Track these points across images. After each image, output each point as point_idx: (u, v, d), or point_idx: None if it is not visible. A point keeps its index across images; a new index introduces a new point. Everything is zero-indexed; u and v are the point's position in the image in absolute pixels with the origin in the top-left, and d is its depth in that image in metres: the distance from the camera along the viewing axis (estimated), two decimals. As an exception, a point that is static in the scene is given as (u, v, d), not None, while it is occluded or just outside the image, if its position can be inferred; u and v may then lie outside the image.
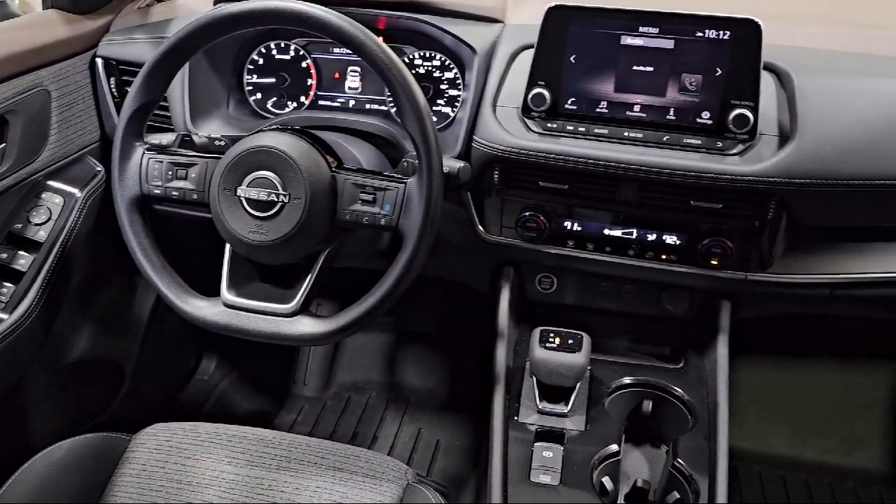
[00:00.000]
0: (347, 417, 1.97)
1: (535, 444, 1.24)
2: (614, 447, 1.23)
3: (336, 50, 1.41)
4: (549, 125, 1.20)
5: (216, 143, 1.18)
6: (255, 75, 1.44)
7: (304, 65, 1.42)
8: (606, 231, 1.25)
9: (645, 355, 1.40)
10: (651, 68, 1.15)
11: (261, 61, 1.43)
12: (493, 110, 1.22)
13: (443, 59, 1.36)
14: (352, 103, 1.42)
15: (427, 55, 1.36)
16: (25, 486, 1.07)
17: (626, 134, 1.17)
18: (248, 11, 1.00)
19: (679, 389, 1.30)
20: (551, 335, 1.26)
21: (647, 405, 1.27)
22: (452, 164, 1.16)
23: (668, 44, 1.14)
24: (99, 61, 1.43)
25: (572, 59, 1.17)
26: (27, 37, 1.31)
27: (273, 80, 1.44)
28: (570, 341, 1.25)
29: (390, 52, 0.98)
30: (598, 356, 1.36)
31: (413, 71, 1.36)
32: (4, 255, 1.30)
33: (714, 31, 1.11)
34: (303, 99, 1.43)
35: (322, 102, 1.43)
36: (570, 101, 1.19)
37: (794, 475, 1.79)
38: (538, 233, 1.26)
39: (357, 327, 1.04)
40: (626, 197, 1.21)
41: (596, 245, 1.27)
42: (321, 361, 2.09)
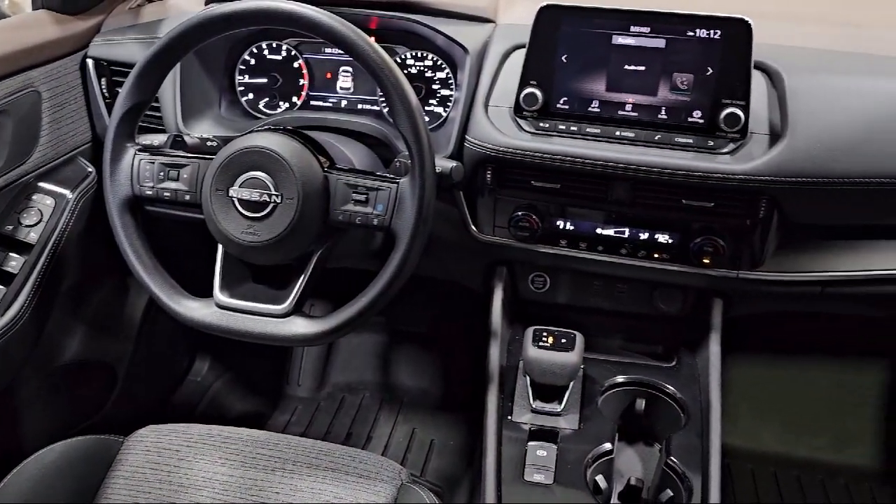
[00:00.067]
0: (341, 418, 1.97)
1: (529, 444, 1.24)
2: (608, 446, 1.23)
3: (328, 50, 1.41)
4: (541, 125, 1.20)
5: (208, 143, 1.18)
6: (246, 76, 1.44)
7: (295, 65, 1.42)
8: (599, 230, 1.26)
9: (638, 354, 1.40)
10: (643, 68, 1.15)
11: (252, 62, 1.43)
12: (485, 110, 1.22)
13: (435, 58, 1.36)
14: (344, 103, 1.42)
15: (419, 55, 1.36)
16: (17, 488, 1.06)
17: (617, 133, 1.18)
18: (239, 12, 1.00)
19: (672, 387, 1.30)
20: (544, 334, 1.26)
21: (640, 403, 1.28)
22: (445, 163, 1.16)
23: (659, 43, 1.14)
24: (90, 62, 1.43)
25: (564, 58, 1.17)
26: (17, 37, 1.30)
27: (265, 80, 1.43)
28: (563, 340, 1.25)
29: (382, 52, 0.98)
30: (591, 355, 1.36)
31: (405, 71, 1.36)
32: (-5, 257, 1.29)
33: (705, 30, 1.12)
34: (295, 99, 1.43)
35: (314, 103, 1.43)
36: (562, 101, 1.19)
37: (787, 472, 1.80)
38: (531, 232, 1.26)
39: (350, 328, 1.03)
40: (619, 196, 1.21)
41: (588, 244, 1.27)
42: (315, 362, 2.08)
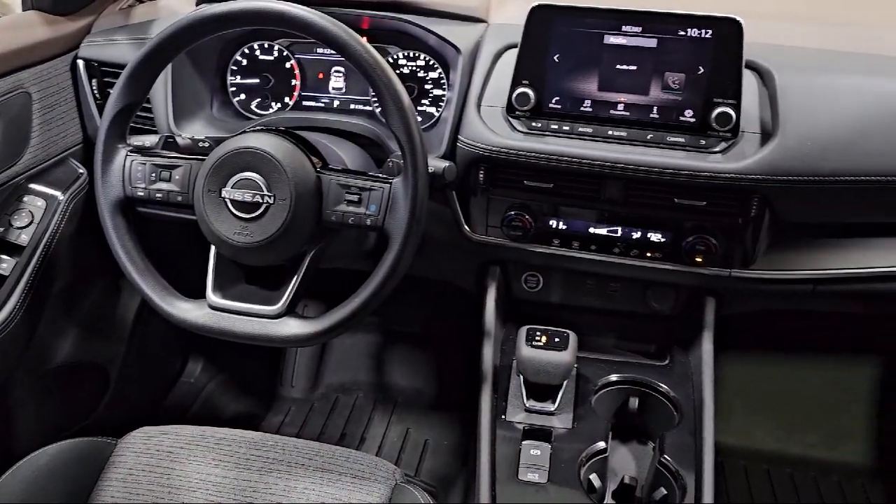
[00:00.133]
0: (335, 418, 1.97)
1: (523, 443, 1.24)
2: (601, 444, 1.23)
3: (320, 50, 1.40)
4: (533, 124, 1.20)
5: (200, 144, 1.18)
6: (238, 76, 1.44)
7: (287, 65, 1.42)
8: (592, 229, 1.26)
9: (631, 353, 1.40)
10: (634, 67, 1.16)
11: (244, 62, 1.43)
12: (477, 110, 1.22)
13: (427, 58, 1.36)
14: (336, 103, 1.42)
15: (411, 55, 1.36)
16: (10, 491, 1.06)
17: (610, 132, 1.18)
18: (231, 12, 0.99)
19: (665, 386, 1.31)
20: (538, 334, 1.26)
21: (634, 402, 1.28)
22: (437, 163, 1.16)
23: (650, 43, 1.14)
24: (80, 63, 1.42)
25: (556, 58, 1.17)
26: (7, 38, 1.30)
27: (257, 80, 1.43)
28: (556, 340, 1.25)
29: (374, 52, 0.98)
30: (585, 354, 1.36)
31: (397, 71, 1.36)
32: (-14, 259, 1.29)
33: (696, 29, 1.12)
34: (287, 99, 1.43)
35: (306, 103, 1.43)
36: (554, 101, 1.19)
37: (780, 470, 1.81)
38: (524, 232, 1.26)
39: (344, 328, 1.03)
40: (611, 195, 1.22)
41: (581, 243, 1.27)
42: (308, 363, 2.08)
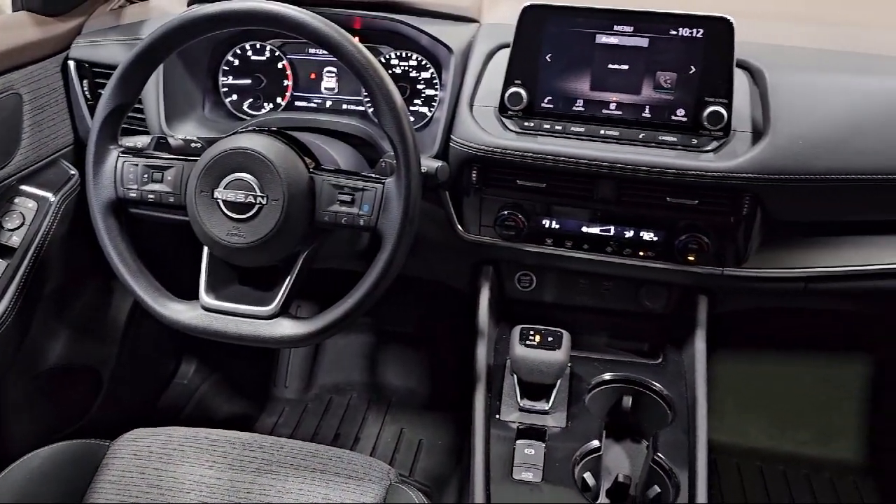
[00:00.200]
0: (329, 419, 1.96)
1: (517, 442, 1.24)
2: (595, 443, 1.23)
3: (312, 50, 1.40)
4: (526, 124, 1.20)
5: (192, 145, 1.17)
6: (230, 77, 1.43)
7: (279, 66, 1.41)
8: (584, 228, 1.26)
9: (624, 351, 1.41)
10: (626, 66, 1.16)
11: (236, 63, 1.43)
12: (470, 110, 1.22)
13: (419, 58, 1.36)
14: (328, 104, 1.42)
15: (403, 55, 1.36)
16: (3, 494, 1.05)
17: (602, 132, 1.18)
18: (222, 13, 0.99)
19: (658, 384, 1.31)
20: (531, 333, 1.26)
21: (627, 401, 1.28)
22: (430, 163, 1.16)
23: (642, 42, 1.15)
24: (71, 63, 1.42)
25: (548, 58, 1.18)
26: (-3, 39, 1.30)
27: (249, 81, 1.43)
28: (549, 339, 1.25)
29: (367, 52, 0.98)
30: (578, 353, 1.36)
31: (389, 71, 1.36)
32: (-23, 262, 1.28)
33: (687, 29, 1.13)
34: (279, 100, 1.43)
35: (298, 103, 1.42)
36: (546, 100, 1.19)
37: (772, 467, 1.82)
38: (517, 231, 1.26)
39: (337, 328, 1.03)
40: (604, 194, 1.22)
41: (574, 242, 1.27)
42: (302, 363, 2.08)
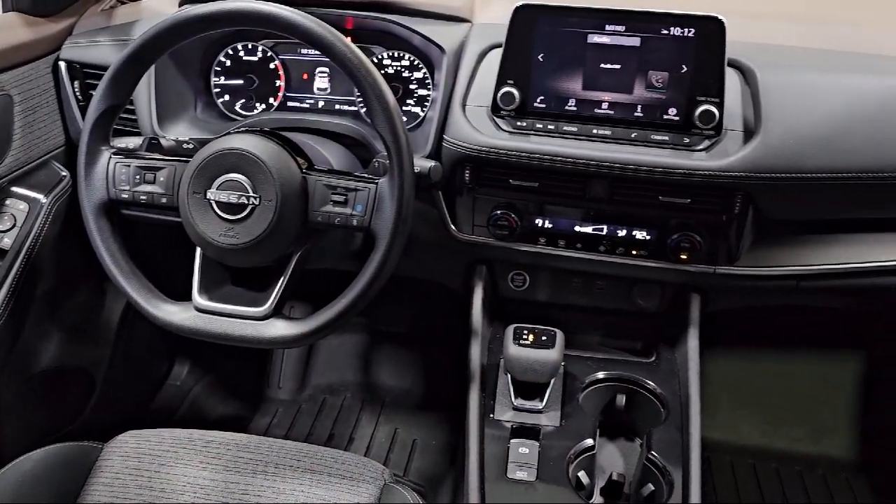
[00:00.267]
0: (323, 419, 1.96)
1: (511, 441, 1.24)
2: (589, 441, 1.24)
3: (304, 51, 1.40)
4: (518, 124, 1.21)
5: (184, 146, 1.17)
6: (222, 77, 1.43)
7: (272, 66, 1.41)
8: (577, 228, 1.26)
9: (617, 350, 1.41)
10: (618, 66, 1.16)
11: (228, 63, 1.42)
12: (462, 109, 1.22)
13: (412, 58, 1.36)
14: (321, 104, 1.41)
15: (396, 55, 1.36)
16: (-5, 497, 1.05)
17: (594, 131, 1.18)
18: (214, 13, 0.99)
19: (651, 383, 1.31)
20: (525, 332, 1.26)
21: (621, 399, 1.29)
22: (423, 163, 1.16)
23: (634, 41, 1.15)
24: (62, 64, 1.41)
25: (540, 57, 1.18)
26: (-13, 40, 1.29)
27: (241, 81, 1.42)
28: (543, 338, 1.25)
29: (359, 52, 0.98)
30: (572, 352, 1.36)
31: (382, 71, 1.36)
32: (-32, 264, 1.27)
33: (679, 28, 1.13)
34: (271, 100, 1.42)
35: (291, 104, 1.42)
36: (538, 100, 1.19)
37: (765, 464, 1.82)
38: (510, 231, 1.26)
39: (331, 329, 1.03)
40: (596, 193, 1.22)
41: (567, 242, 1.28)
42: (295, 364, 2.08)
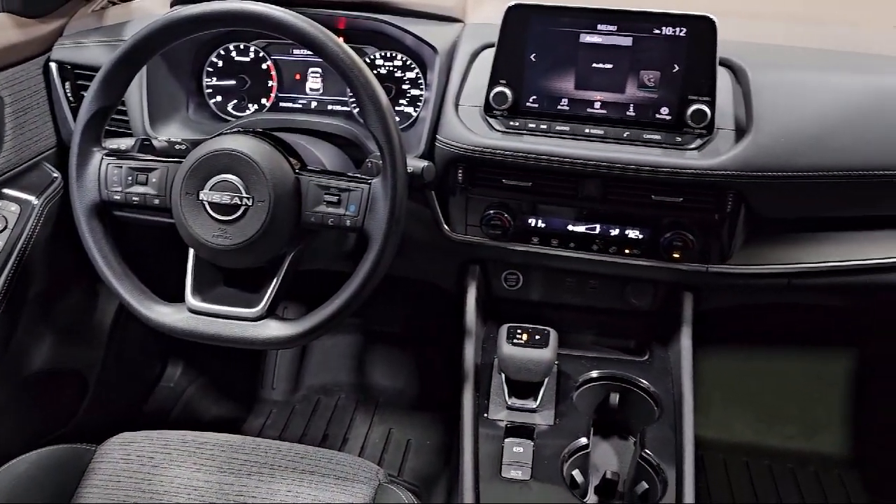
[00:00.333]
0: (317, 420, 1.96)
1: (506, 440, 1.24)
2: (583, 440, 1.24)
3: (296, 51, 1.40)
4: (511, 123, 1.21)
5: (176, 146, 1.17)
6: (214, 78, 1.43)
7: (264, 66, 1.41)
8: (570, 227, 1.27)
9: (611, 349, 1.41)
10: (610, 65, 1.16)
11: (220, 63, 1.42)
12: (455, 109, 1.23)
13: (404, 58, 1.36)
14: (314, 104, 1.41)
15: (388, 55, 1.36)
16: (-12, 500, 1.05)
17: (587, 131, 1.19)
18: (206, 13, 0.99)
19: (645, 381, 1.32)
20: (518, 331, 1.27)
21: (614, 398, 1.29)
22: (416, 163, 1.16)
23: (626, 41, 1.15)
24: (53, 65, 1.41)
25: (533, 57, 1.18)
26: (-23, 42, 1.28)
27: (233, 82, 1.42)
28: (537, 337, 1.26)
29: (352, 52, 0.98)
30: (565, 351, 1.37)
31: (374, 71, 1.36)
32: (-41, 266, 1.27)
33: (671, 28, 1.13)
34: (264, 101, 1.42)
35: (283, 104, 1.42)
36: (531, 99, 1.20)
37: (758, 461, 1.83)
38: (503, 230, 1.27)
39: (325, 330, 1.03)
40: (589, 193, 1.22)
41: (560, 241, 1.28)
42: (289, 365, 2.07)
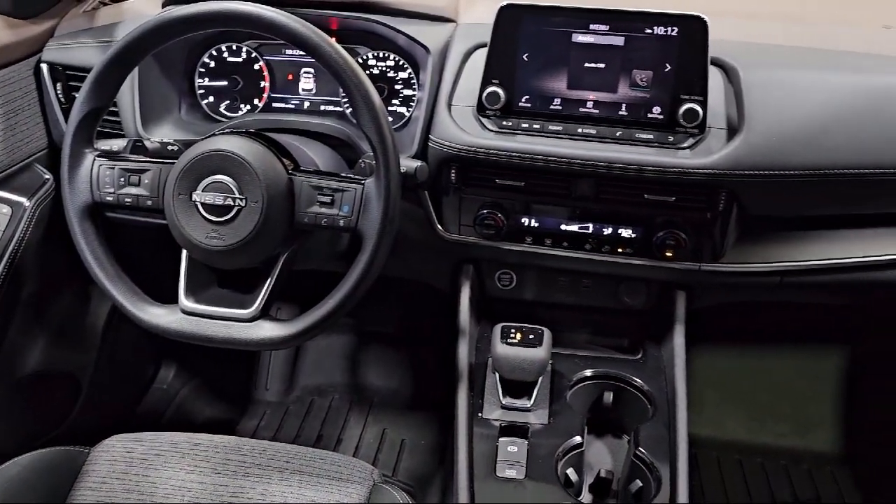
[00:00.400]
0: (311, 421, 1.96)
1: (500, 440, 1.25)
2: (577, 439, 1.24)
3: (289, 51, 1.40)
4: (504, 123, 1.21)
5: (169, 147, 1.17)
6: (206, 78, 1.42)
7: (256, 67, 1.41)
8: (563, 226, 1.27)
9: (604, 348, 1.42)
10: (602, 65, 1.17)
11: (212, 64, 1.42)
12: (448, 109, 1.23)
13: (397, 59, 1.36)
14: (306, 105, 1.41)
15: (381, 55, 1.36)
16: (-19, 503, 1.04)
17: (579, 130, 1.19)
18: (198, 14, 0.98)
19: (638, 380, 1.32)
20: (512, 331, 1.27)
21: (608, 396, 1.29)
22: (409, 163, 1.16)
23: (618, 41, 1.16)
24: (44, 66, 1.40)
25: (525, 57, 1.18)
26: (-32, 43, 1.28)
27: (225, 82, 1.42)
28: (530, 336, 1.26)
29: (344, 53, 0.98)
30: (559, 350, 1.37)
31: (367, 71, 1.36)
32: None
33: (662, 27, 1.14)
34: (256, 101, 1.42)
35: (276, 105, 1.42)
36: (524, 99, 1.20)
37: (751, 459, 1.84)
38: (496, 230, 1.27)
39: (318, 330, 1.03)
40: (582, 192, 1.23)
41: (553, 240, 1.28)
42: (283, 365, 2.07)
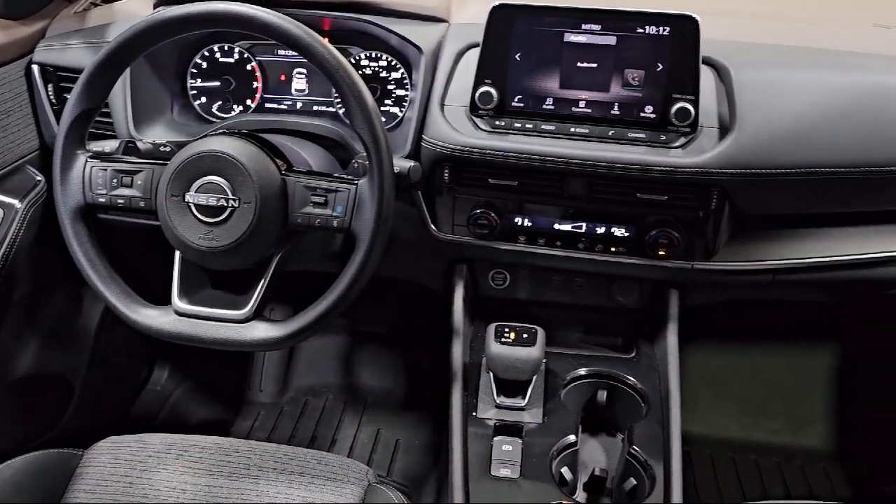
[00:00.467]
0: (305, 421, 1.96)
1: (495, 439, 1.25)
2: (572, 438, 1.24)
3: (281, 52, 1.39)
4: (496, 123, 1.21)
5: (161, 148, 1.16)
6: (199, 79, 1.42)
7: (249, 67, 1.40)
8: (556, 226, 1.27)
9: (598, 346, 1.42)
10: (595, 65, 1.17)
11: (204, 65, 1.41)
12: (441, 109, 1.23)
13: (389, 59, 1.36)
14: (299, 105, 1.41)
15: (373, 55, 1.36)
16: (-26, 506, 1.04)
17: (572, 130, 1.19)
18: (190, 15, 0.98)
19: (632, 378, 1.33)
20: (506, 330, 1.27)
21: (602, 395, 1.29)
22: (403, 163, 1.16)
23: (610, 40, 1.16)
24: (35, 68, 1.39)
25: (517, 56, 1.18)
26: (-42, 44, 1.27)
27: (218, 83, 1.42)
28: (524, 336, 1.26)
29: (337, 53, 0.98)
30: (553, 349, 1.37)
31: (360, 72, 1.34)
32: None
33: (654, 27, 1.14)
34: (249, 102, 1.42)
35: (269, 105, 1.42)
36: (516, 99, 1.20)
37: (744, 456, 1.85)
38: (490, 230, 1.27)
39: (312, 331, 1.03)
40: (575, 191, 1.23)
41: (547, 240, 1.28)
42: (276, 366, 2.07)
